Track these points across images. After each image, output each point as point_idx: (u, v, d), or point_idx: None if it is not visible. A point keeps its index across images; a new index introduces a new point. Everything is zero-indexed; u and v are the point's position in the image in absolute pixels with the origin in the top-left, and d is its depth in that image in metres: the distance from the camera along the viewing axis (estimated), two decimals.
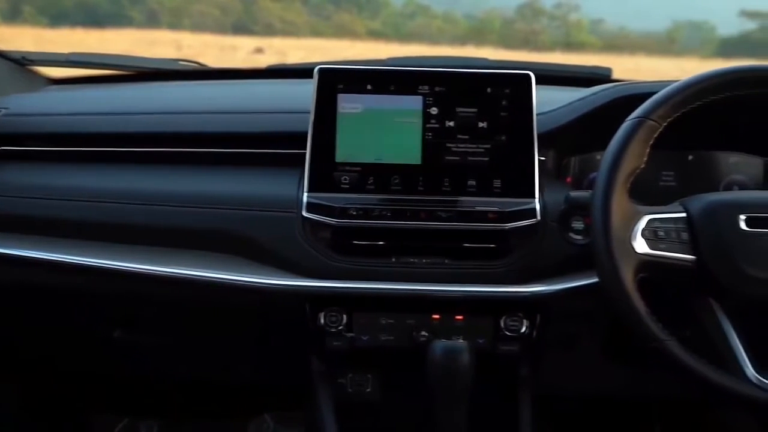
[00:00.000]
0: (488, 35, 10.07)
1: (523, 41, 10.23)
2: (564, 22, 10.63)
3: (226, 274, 1.25)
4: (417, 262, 1.25)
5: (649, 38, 9.67)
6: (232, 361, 1.50)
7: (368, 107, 1.28)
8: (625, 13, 9.97)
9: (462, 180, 1.26)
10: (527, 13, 10.61)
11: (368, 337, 1.28)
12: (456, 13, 10.83)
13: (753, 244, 1.06)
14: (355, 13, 10.87)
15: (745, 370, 1.04)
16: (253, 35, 9.55)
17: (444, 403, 1.18)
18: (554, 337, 1.33)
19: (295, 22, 10.15)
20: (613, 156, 1.09)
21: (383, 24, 10.77)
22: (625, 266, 1.05)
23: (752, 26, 9.86)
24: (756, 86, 1.11)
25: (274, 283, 1.24)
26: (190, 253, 1.29)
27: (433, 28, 10.27)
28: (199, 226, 1.29)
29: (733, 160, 1.42)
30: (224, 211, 1.28)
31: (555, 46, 10.26)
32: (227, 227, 1.28)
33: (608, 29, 10.27)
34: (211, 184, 1.32)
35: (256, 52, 8.22)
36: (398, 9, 11.44)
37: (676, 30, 9.53)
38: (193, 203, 1.29)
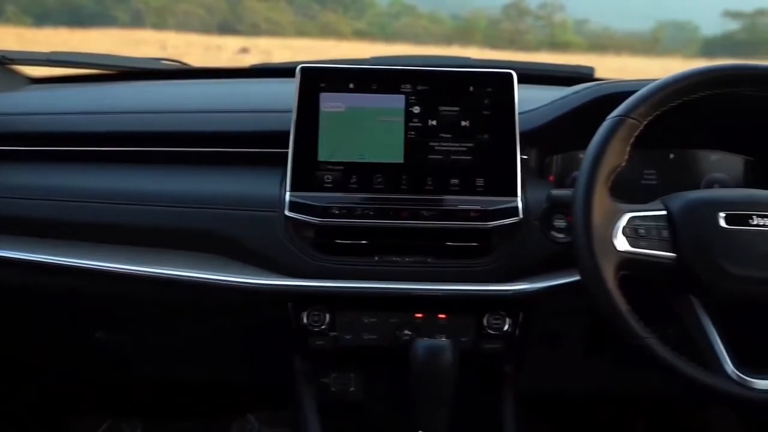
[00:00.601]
0: (474, 35, 10.09)
1: (508, 41, 10.27)
2: (549, 22, 10.67)
3: (208, 273, 1.25)
4: (400, 261, 1.25)
5: (634, 38, 9.72)
6: (216, 360, 1.50)
7: (351, 106, 1.28)
8: (610, 13, 10.02)
9: (444, 179, 1.26)
10: (513, 13, 10.65)
11: (351, 336, 1.28)
12: (442, 13, 10.85)
13: (732, 241, 1.07)
14: (341, 13, 10.87)
15: (724, 367, 1.04)
16: (238, 35, 9.53)
17: (427, 401, 1.19)
18: (537, 335, 1.34)
19: (280, 22, 10.13)
20: (593, 154, 1.09)
21: (369, 24, 10.77)
22: (606, 264, 1.05)
23: (735, 26, 9.95)
24: (734, 84, 1.11)
25: (257, 282, 1.23)
26: (172, 253, 1.29)
27: (419, 28, 10.28)
28: (182, 225, 1.28)
29: (714, 159, 1.43)
30: (207, 210, 1.28)
31: (540, 45, 10.30)
32: (210, 227, 1.27)
33: (593, 29, 10.32)
34: (194, 184, 1.31)
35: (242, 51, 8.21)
36: (384, 9, 11.45)
37: (660, 30, 9.59)
38: (175, 203, 1.29)
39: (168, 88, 1.61)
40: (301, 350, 1.32)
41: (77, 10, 9.76)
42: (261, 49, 8.74)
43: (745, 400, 1.04)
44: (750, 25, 9.58)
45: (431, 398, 1.18)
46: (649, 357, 1.05)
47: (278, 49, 8.34)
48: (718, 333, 1.07)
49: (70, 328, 1.46)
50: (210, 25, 9.91)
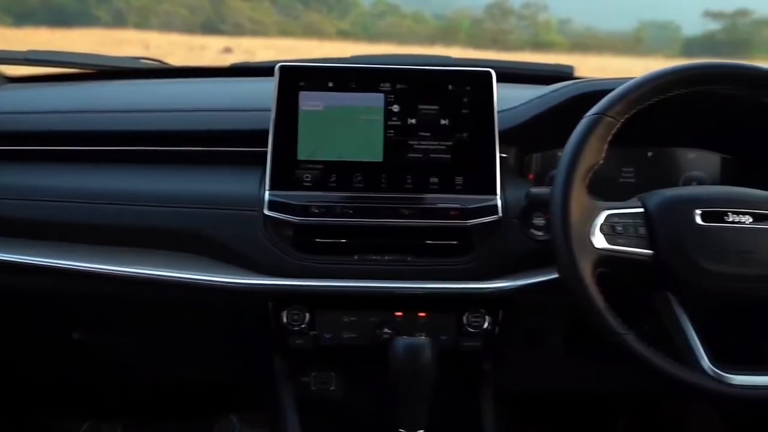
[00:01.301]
0: (457, 35, 10.10)
1: (492, 41, 10.28)
2: (532, 22, 10.70)
3: (187, 273, 1.24)
4: (379, 260, 1.25)
5: (616, 38, 9.77)
6: (196, 360, 1.49)
7: (330, 105, 1.28)
8: (593, 13, 10.06)
9: (424, 177, 1.27)
10: (496, 13, 10.67)
11: (331, 335, 1.28)
12: (425, 12, 10.84)
13: (708, 238, 1.08)
14: (325, 12, 10.84)
15: (701, 363, 1.05)
16: (221, 35, 9.48)
17: (406, 399, 1.19)
18: (517, 333, 1.34)
19: (263, 22, 10.10)
20: (571, 152, 1.10)
21: (352, 24, 10.76)
22: (584, 261, 1.06)
23: (715, 26, 10.03)
24: (708, 83, 1.12)
25: (236, 282, 1.23)
26: (151, 253, 1.28)
27: (403, 28, 10.28)
28: (161, 225, 1.28)
29: (691, 157, 1.44)
30: (186, 210, 1.27)
31: (524, 45, 10.33)
32: (189, 226, 1.27)
33: (576, 29, 10.36)
34: (173, 183, 1.31)
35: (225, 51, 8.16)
36: (367, 9, 11.44)
37: (642, 30, 9.65)
38: (154, 202, 1.28)
39: (147, 87, 1.60)
40: (281, 349, 1.32)
41: (58, 10, 9.68)
42: (244, 49, 8.70)
43: (721, 395, 1.05)
44: (730, 25, 9.67)
45: (411, 396, 1.18)
46: (626, 353, 1.05)
47: (262, 49, 8.31)
48: (694, 329, 1.07)
49: (49, 328, 1.45)
50: (193, 24, 9.85)
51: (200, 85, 1.63)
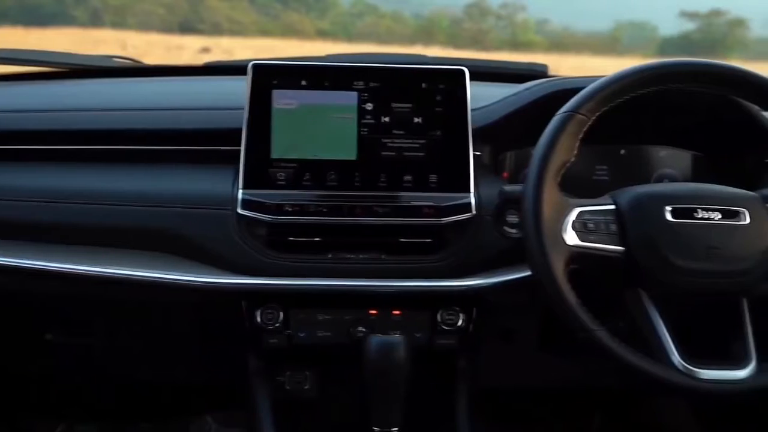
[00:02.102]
0: (436, 35, 10.13)
1: (471, 41, 10.31)
2: (510, 22, 10.75)
3: (160, 273, 1.23)
4: (353, 258, 1.25)
5: (594, 38, 9.84)
6: (170, 360, 1.49)
7: (303, 103, 1.28)
8: (570, 13, 10.12)
9: (398, 175, 1.27)
10: (475, 13, 10.70)
11: (305, 333, 1.27)
12: (404, 12, 10.85)
13: (678, 234, 1.09)
14: (304, 12, 10.82)
15: (671, 358, 1.06)
16: (200, 34, 9.43)
17: (380, 397, 1.19)
18: (491, 330, 1.35)
19: (242, 22, 10.06)
20: (543, 150, 1.10)
21: (332, 24, 10.74)
22: (556, 258, 1.06)
23: (691, 26, 10.12)
24: (678, 81, 1.13)
25: (210, 281, 1.22)
26: (124, 253, 1.27)
27: (382, 28, 10.28)
28: (134, 224, 1.27)
29: (664, 154, 1.46)
30: (159, 209, 1.26)
31: (502, 45, 10.37)
32: (162, 225, 1.26)
33: (554, 29, 10.42)
34: (146, 182, 1.30)
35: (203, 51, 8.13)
36: (346, 9, 11.42)
37: (619, 30, 9.72)
38: (126, 201, 1.27)
39: (120, 86, 1.59)
40: (255, 349, 1.32)
41: (34, 9, 9.57)
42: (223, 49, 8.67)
43: (690, 389, 1.06)
44: (705, 26, 9.77)
45: (385, 394, 1.18)
46: (598, 349, 1.06)
47: (240, 49, 8.28)
48: (665, 324, 1.08)
49: (21, 329, 1.44)
50: (171, 24, 9.79)
51: (174, 83, 1.62)
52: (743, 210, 1.10)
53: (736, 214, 1.10)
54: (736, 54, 9.37)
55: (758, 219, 1.10)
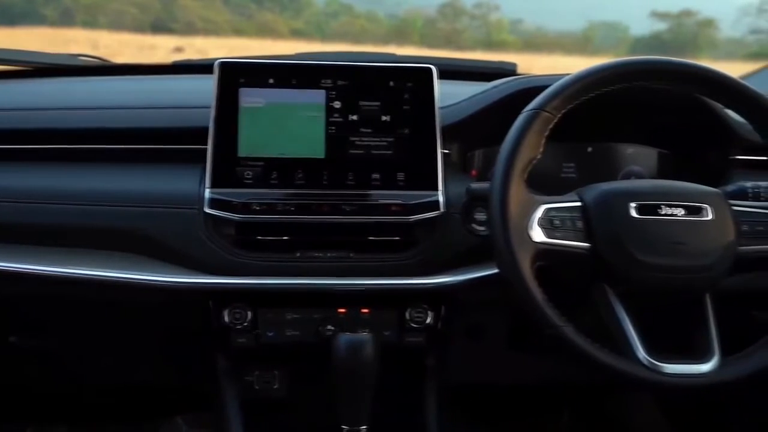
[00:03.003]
0: (411, 35, 10.14)
1: (445, 41, 10.35)
2: (484, 22, 10.80)
3: (126, 273, 1.22)
4: (322, 257, 1.25)
5: (566, 38, 9.91)
6: (138, 362, 1.47)
7: (270, 101, 1.27)
8: (543, 13, 10.19)
9: (366, 173, 1.27)
10: (449, 13, 10.74)
11: (274, 333, 1.27)
12: (378, 12, 10.86)
13: (643, 230, 1.09)
14: (278, 12, 10.79)
15: (636, 353, 1.06)
16: (173, 34, 9.37)
17: (349, 396, 1.18)
18: (460, 328, 1.35)
19: (216, 21, 10.01)
20: (509, 147, 1.10)
21: (306, 23, 10.72)
22: (523, 255, 1.07)
23: (662, 27, 10.24)
24: (642, 78, 1.14)
25: (176, 281, 1.21)
26: (89, 253, 1.25)
27: (356, 28, 10.28)
28: (99, 224, 1.25)
29: (630, 152, 1.47)
30: (125, 208, 1.25)
31: (476, 45, 10.42)
32: (128, 225, 1.25)
33: (527, 29, 10.49)
34: (111, 181, 1.28)
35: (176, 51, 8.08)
36: (321, 8, 11.41)
37: (591, 30, 9.81)
38: (92, 201, 1.26)
39: (86, 85, 1.57)
40: (223, 349, 1.31)
41: (4, 9, 9.45)
42: (196, 48, 8.63)
43: (655, 384, 1.07)
44: (676, 26, 9.89)
45: (353, 393, 1.18)
46: (564, 345, 1.06)
47: (214, 49, 8.25)
48: (630, 320, 1.09)
49: None
50: (143, 23, 9.71)
51: (141, 82, 1.60)
52: (706, 206, 1.12)
53: (700, 210, 1.12)
54: (706, 53, 9.50)
55: (721, 215, 1.12)
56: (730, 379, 1.07)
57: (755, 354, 1.10)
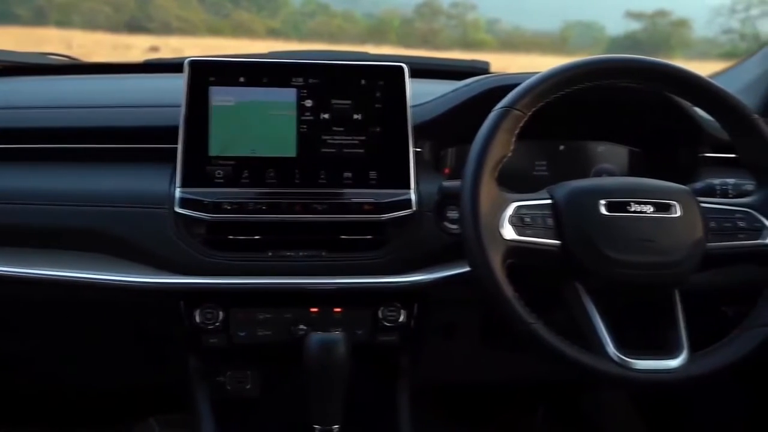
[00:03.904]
0: (388, 34, 10.14)
1: (422, 40, 10.35)
2: (461, 22, 10.82)
3: (96, 273, 1.21)
4: (294, 256, 1.24)
5: (543, 37, 9.96)
6: (109, 363, 1.46)
7: (241, 100, 1.26)
8: (520, 12, 10.23)
9: (338, 172, 1.26)
10: (426, 12, 10.74)
11: (246, 333, 1.26)
12: (355, 12, 10.83)
13: (612, 227, 1.10)
14: (254, 11, 10.73)
15: (606, 350, 1.07)
16: (148, 33, 9.28)
17: (320, 395, 1.18)
18: (433, 326, 1.35)
19: (191, 20, 9.93)
20: (479, 146, 1.11)
21: (283, 23, 10.67)
22: (493, 253, 1.07)
23: (637, 26, 10.33)
24: (611, 76, 1.15)
25: (146, 281, 1.20)
26: (56, 253, 1.24)
27: (333, 27, 10.25)
28: (68, 224, 1.24)
29: (601, 150, 1.48)
30: (94, 208, 1.24)
31: (453, 45, 10.43)
32: (98, 225, 1.23)
33: (504, 28, 10.51)
34: (81, 181, 1.27)
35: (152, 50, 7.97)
36: (297, 8, 11.36)
37: (568, 29, 9.86)
38: (61, 201, 1.24)
39: (55, 84, 1.55)
40: (194, 349, 1.30)
41: None
42: (172, 48, 8.53)
43: (625, 380, 1.07)
44: (651, 26, 9.98)
45: (325, 392, 1.18)
46: (534, 342, 1.07)
47: (190, 48, 8.17)
48: (601, 316, 1.09)
49: None
50: (118, 23, 9.60)
51: (111, 81, 1.59)
52: (675, 203, 1.13)
53: (668, 207, 1.12)
54: (680, 53, 9.58)
55: (689, 212, 1.13)
56: (698, 374, 1.08)
57: (723, 349, 1.11)
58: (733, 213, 1.16)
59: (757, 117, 1.16)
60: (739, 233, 1.15)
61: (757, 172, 1.19)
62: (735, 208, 1.17)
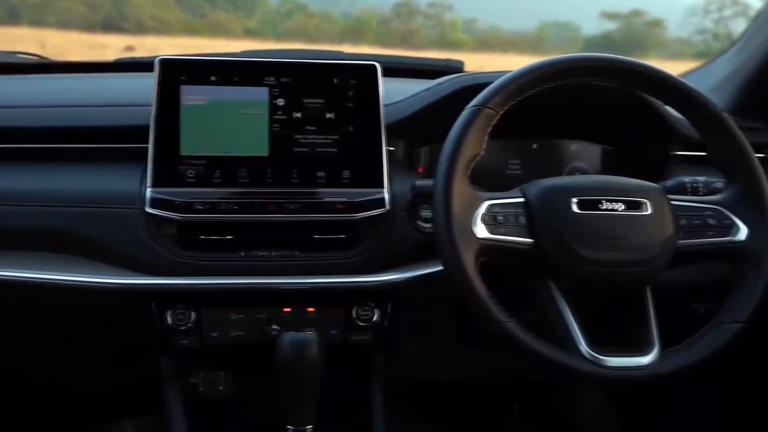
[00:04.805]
0: (366, 34, 10.13)
1: (400, 40, 10.36)
2: (439, 21, 10.84)
3: (65, 275, 1.19)
4: (267, 256, 1.23)
5: (520, 37, 10.00)
6: (80, 366, 1.44)
7: (213, 99, 1.25)
8: (497, 12, 10.27)
9: (311, 171, 1.26)
10: (403, 12, 10.75)
11: (218, 333, 1.25)
12: (333, 12, 10.82)
13: (584, 225, 1.10)
14: (231, 11, 10.68)
15: (579, 347, 1.07)
16: (123, 33, 9.20)
17: (294, 395, 1.18)
18: (407, 325, 1.35)
19: (167, 20, 9.86)
20: (452, 144, 1.10)
21: (260, 22, 10.63)
22: (466, 251, 1.07)
23: (612, 26, 10.41)
24: (582, 75, 1.15)
25: (116, 282, 1.19)
26: (25, 255, 1.22)
27: (311, 27, 10.23)
28: (35, 225, 1.22)
29: (574, 148, 1.48)
30: (64, 209, 1.22)
31: (431, 44, 10.45)
32: (68, 226, 1.22)
33: (481, 28, 10.55)
34: (51, 181, 1.26)
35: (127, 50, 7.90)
36: (275, 7, 11.32)
37: (544, 29, 9.91)
38: (30, 201, 1.23)
39: (23, 83, 1.53)
40: (166, 351, 1.29)
41: None
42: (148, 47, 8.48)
43: (597, 377, 1.07)
44: (626, 25, 10.07)
45: (298, 392, 1.17)
46: (507, 340, 1.07)
47: (166, 48, 8.11)
48: (573, 314, 1.09)
49: None
50: (93, 22, 9.52)
51: (82, 80, 1.57)
52: (646, 201, 1.13)
53: (639, 204, 1.13)
54: (655, 53, 9.67)
55: (659, 209, 1.13)
56: (669, 370, 1.09)
57: (693, 346, 1.11)
58: (703, 210, 1.17)
59: (726, 115, 1.17)
60: (709, 230, 1.16)
61: (726, 170, 1.20)
62: (705, 206, 1.17)
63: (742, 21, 1.49)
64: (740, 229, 1.16)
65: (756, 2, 1.74)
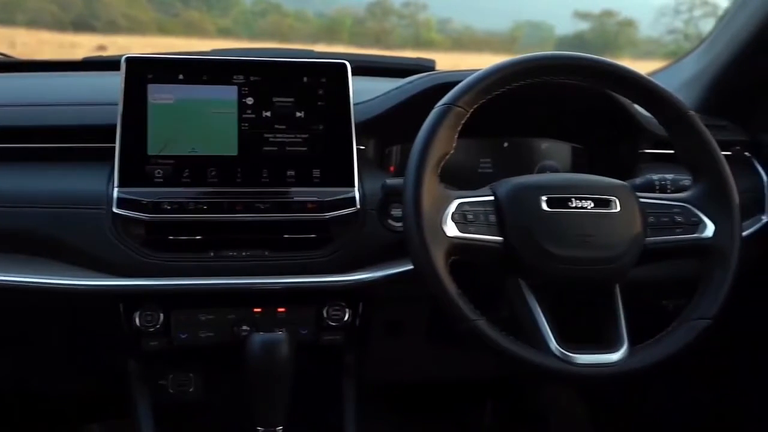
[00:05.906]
0: (340, 34, 10.11)
1: (374, 40, 10.34)
2: (413, 21, 10.84)
3: (30, 277, 1.17)
4: (236, 256, 1.22)
5: (494, 37, 10.04)
6: (47, 370, 1.42)
7: (180, 98, 1.24)
8: (471, 12, 10.30)
9: (280, 170, 1.25)
10: (377, 12, 10.74)
11: (187, 334, 1.24)
12: (307, 11, 10.78)
13: (553, 223, 1.11)
14: (205, 10, 10.60)
15: (549, 345, 1.08)
16: (95, 32, 9.10)
17: (264, 396, 1.17)
18: (378, 324, 1.35)
19: (139, 19, 9.76)
20: (421, 143, 1.10)
21: (234, 22, 10.56)
22: (436, 250, 1.06)
23: (585, 26, 10.49)
24: (551, 73, 1.16)
25: (82, 284, 1.17)
26: None
27: (285, 27, 10.18)
28: (1, 226, 1.20)
29: (545, 146, 1.49)
30: (28, 209, 1.20)
31: (405, 44, 10.45)
32: (32, 227, 1.20)
33: (455, 28, 10.57)
34: (14, 181, 1.23)
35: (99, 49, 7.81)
36: (249, 7, 11.25)
37: (517, 29, 9.95)
38: None
39: None
40: (134, 353, 1.27)
41: None
42: (120, 47, 8.39)
43: (567, 374, 1.08)
44: (598, 25, 10.14)
45: (268, 393, 1.17)
46: (477, 338, 1.07)
47: (139, 47, 8.04)
48: (543, 312, 1.10)
49: None
50: (64, 21, 9.40)
51: (48, 79, 1.55)
52: (614, 198, 1.14)
53: (608, 202, 1.14)
54: (626, 52, 9.75)
55: (628, 207, 1.14)
56: (638, 366, 1.09)
57: (662, 342, 1.12)
58: (671, 208, 1.18)
59: (693, 114, 1.18)
60: (677, 228, 1.17)
61: (693, 168, 1.21)
62: (673, 203, 1.18)
63: (712, 21, 1.51)
64: (707, 226, 1.17)
65: (725, 2, 1.76)
